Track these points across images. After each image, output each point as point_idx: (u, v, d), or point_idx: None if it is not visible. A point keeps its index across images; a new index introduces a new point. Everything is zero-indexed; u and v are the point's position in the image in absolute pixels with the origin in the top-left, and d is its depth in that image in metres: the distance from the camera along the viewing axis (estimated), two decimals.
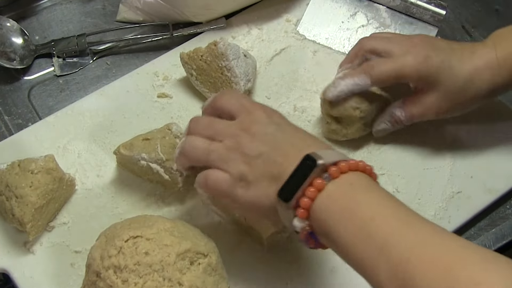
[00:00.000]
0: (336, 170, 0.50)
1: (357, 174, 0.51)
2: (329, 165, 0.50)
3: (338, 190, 0.50)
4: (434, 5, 0.83)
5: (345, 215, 0.49)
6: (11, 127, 0.78)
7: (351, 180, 0.50)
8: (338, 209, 0.49)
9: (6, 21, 0.83)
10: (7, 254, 0.67)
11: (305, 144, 0.54)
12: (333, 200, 0.50)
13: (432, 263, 0.43)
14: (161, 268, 0.57)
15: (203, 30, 0.84)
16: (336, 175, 0.50)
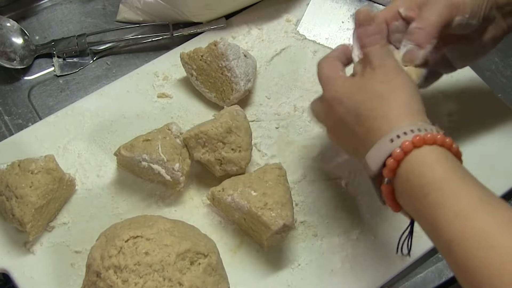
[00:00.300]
0: (408, 144, 0.51)
1: (432, 149, 0.51)
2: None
3: (413, 166, 0.51)
4: None
5: (417, 193, 0.50)
6: (11, 127, 0.78)
7: (425, 155, 0.51)
8: (410, 185, 0.50)
9: (6, 21, 0.83)
10: (7, 254, 0.67)
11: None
12: (407, 175, 0.51)
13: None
14: (161, 268, 0.57)
15: (203, 30, 0.84)
16: (409, 148, 0.51)
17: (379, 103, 0.54)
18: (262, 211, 0.63)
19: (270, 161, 0.74)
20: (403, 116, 0.53)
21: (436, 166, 0.50)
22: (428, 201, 0.49)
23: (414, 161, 0.51)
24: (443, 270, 0.69)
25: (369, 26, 0.59)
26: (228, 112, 0.70)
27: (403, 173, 0.51)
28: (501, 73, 0.85)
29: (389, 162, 0.51)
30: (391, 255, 0.67)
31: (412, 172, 0.50)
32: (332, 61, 0.61)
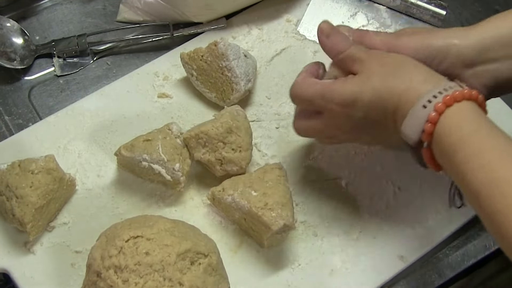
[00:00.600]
0: (441, 106, 0.52)
1: (461, 106, 0.53)
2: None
3: (445, 125, 0.52)
4: (434, 5, 0.84)
5: (448, 151, 0.52)
6: (12, 127, 0.78)
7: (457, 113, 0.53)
8: (446, 143, 0.52)
9: (7, 21, 0.83)
10: (7, 254, 0.67)
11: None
12: (440, 136, 0.53)
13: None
14: (162, 268, 0.57)
15: (204, 30, 0.84)
16: (442, 109, 0.52)
17: (395, 81, 0.56)
18: (262, 211, 0.63)
19: (270, 161, 0.74)
20: (424, 82, 0.55)
21: (464, 123, 0.52)
22: (457, 157, 0.51)
23: (445, 121, 0.52)
24: (443, 270, 0.69)
25: (336, 34, 0.62)
26: (228, 112, 0.70)
27: (437, 135, 0.53)
28: None
29: (427, 126, 0.53)
30: (391, 255, 0.67)
31: (443, 132, 0.52)
32: (310, 79, 0.62)
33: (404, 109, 0.55)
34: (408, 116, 0.54)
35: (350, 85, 0.58)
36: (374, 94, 0.57)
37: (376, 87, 0.57)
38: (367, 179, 0.72)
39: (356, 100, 0.58)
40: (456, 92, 0.53)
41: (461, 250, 0.70)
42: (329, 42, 0.62)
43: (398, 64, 0.57)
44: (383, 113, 0.57)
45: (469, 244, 0.70)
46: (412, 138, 0.55)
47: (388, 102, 0.56)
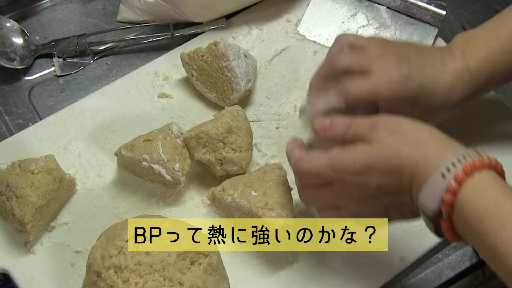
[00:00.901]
0: (461, 175, 0.50)
1: (482, 175, 0.50)
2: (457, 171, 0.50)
3: (468, 195, 0.50)
4: (434, 5, 0.84)
5: (473, 221, 0.49)
6: (12, 127, 0.78)
7: (477, 183, 0.50)
8: (470, 215, 0.49)
9: (7, 21, 0.83)
10: (7, 254, 0.67)
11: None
12: (462, 206, 0.50)
13: None
14: (162, 268, 0.57)
15: (204, 30, 0.84)
16: (462, 178, 0.50)
17: (409, 148, 0.53)
18: (262, 211, 0.63)
19: (270, 161, 0.74)
20: (441, 149, 0.52)
21: (489, 192, 0.49)
22: (484, 229, 0.48)
23: (468, 190, 0.50)
24: (443, 270, 0.69)
25: (331, 124, 0.60)
26: (228, 112, 0.70)
27: (459, 205, 0.50)
28: None
29: (447, 197, 0.50)
30: (391, 256, 0.67)
31: (467, 202, 0.49)
32: (314, 153, 0.60)
33: (421, 178, 0.52)
34: (425, 186, 0.51)
35: (361, 153, 0.55)
36: (388, 162, 0.54)
37: (390, 155, 0.54)
38: None
39: (369, 169, 0.54)
40: (475, 161, 0.50)
41: (461, 250, 0.70)
42: (330, 134, 0.60)
43: (411, 130, 0.55)
44: (399, 182, 0.54)
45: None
46: (430, 208, 0.51)
47: (403, 170, 0.53)
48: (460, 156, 0.51)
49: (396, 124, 0.55)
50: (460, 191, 0.50)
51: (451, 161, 0.50)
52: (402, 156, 0.53)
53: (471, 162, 0.50)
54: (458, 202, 0.50)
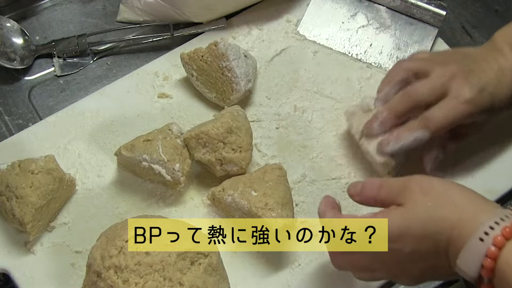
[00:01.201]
0: (500, 239, 0.48)
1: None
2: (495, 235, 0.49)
3: (508, 260, 0.48)
4: (434, 5, 0.84)
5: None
6: (12, 127, 0.78)
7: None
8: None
9: (7, 21, 0.83)
10: (7, 254, 0.67)
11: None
12: (504, 270, 0.48)
13: None
14: (162, 268, 0.57)
15: (204, 30, 0.84)
16: (502, 242, 0.48)
17: (444, 211, 0.52)
18: (262, 211, 0.63)
19: (270, 161, 0.74)
20: (478, 211, 0.51)
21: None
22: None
23: (508, 254, 0.48)
24: None
25: (363, 189, 0.59)
26: (228, 112, 0.70)
27: (499, 269, 0.48)
28: None
29: (487, 262, 0.48)
30: None
31: (508, 266, 0.48)
32: (349, 216, 0.59)
33: (458, 243, 0.50)
34: (463, 251, 0.49)
35: (395, 218, 0.54)
36: (423, 227, 0.52)
37: (425, 219, 0.52)
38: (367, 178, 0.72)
39: (403, 235, 0.53)
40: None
41: None
42: (364, 198, 0.59)
43: (444, 191, 0.53)
44: (434, 246, 0.52)
45: None
46: (470, 274, 0.50)
47: (439, 235, 0.51)
48: (497, 219, 0.49)
49: (429, 185, 0.54)
50: (500, 255, 0.48)
51: (489, 225, 0.49)
52: (437, 220, 0.52)
53: (510, 225, 0.48)
54: (498, 267, 0.48)
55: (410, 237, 0.53)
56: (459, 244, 0.50)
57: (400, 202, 0.54)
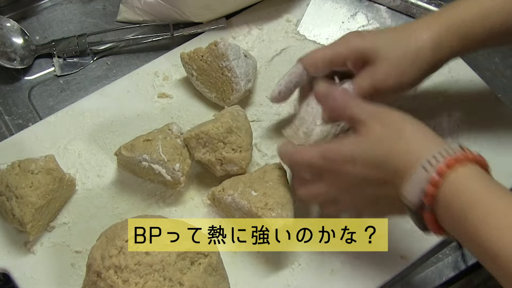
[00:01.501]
0: (443, 168, 0.51)
1: (465, 169, 0.52)
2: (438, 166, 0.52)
3: (450, 188, 0.51)
4: (435, 5, 0.84)
5: (458, 214, 0.50)
6: (12, 127, 0.78)
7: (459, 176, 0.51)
8: (450, 211, 0.51)
9: (7, 21, 0.83)
10: (7, 254, 0.67)
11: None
12: (446, 199, 0.51)
13: None
14: (162, 268, 0.57)
15: (204, 30, 0.84)
16: (445, 171, 0.51)
17: (395, 142, 0.55)
18: (262, 211, 0.63)
19: (270, 161, 0.74)
20: (425, 143, 0.54)
21: (473, 186, 0.51)
22: (469, 221, 0.49)
23: (451, 183, 0.51)
24: (443, 270, 0.69)
25: (334, 96, 0.61)
26: (228, 112, 0.70)
27: (442, 197, 0.51)
28: (501, 73, 0.85)
29: (429, 189, 0.51)
30: (391, 255, 0.67)
31: (450, 195, 0.51)
32: (306, 146, 0.63)
33: (404, 172, 0.53)
34: (409, 179, 0.53)
35: (349, 143, 0.58)
36: (373, 155, 0.56)
37: (375, 149, 0.56)
38: None
39: (356, 159, 0.57)
40: (458, 155, 0.52)
41: (462, 250, 0.70)
42: (331, 104, 0.62)
43: (399, 126, 0.56)
44: (383, 175, 0.56)
45: None
46: (413, 201, 0.53)
47: (387, 164, 0.55)
48: (442, 150, 0.52)
49: (387, 117, 0.57)
50: (442, 184, 0.51)
51: (433, 155, 0.52)
52: (386, 150, 0.55)
53: (454, 156, 0.51)
54: (441, 195, 0.51)
55: (361, 162, 0.56)
56: (405, 173, 0.53)
57: (356, 129, 0.58)
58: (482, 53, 0.85)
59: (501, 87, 0.82)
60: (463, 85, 0.79)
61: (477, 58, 0.84)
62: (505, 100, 0.79)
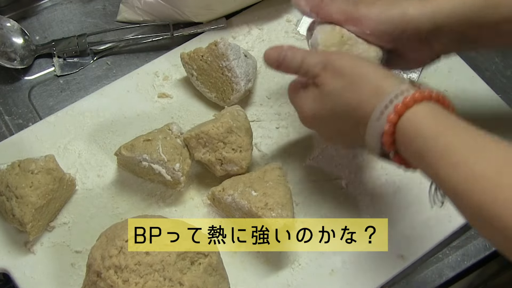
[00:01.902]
0: (393, 117, 0.52)
1: (423, 106, 0.52)
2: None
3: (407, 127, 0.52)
4: None
5: (418, 152, 0.51)
6: (12, 127, 0.78)
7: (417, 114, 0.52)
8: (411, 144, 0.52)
9: (7, 21, 0.83)
10: (7, 254, 0.67)
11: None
12: (404, 138, 0.52)
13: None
14: (162, 268, 0.57)
15: (204, 30, 0.84)
16: (395, 120, 0.52)
17: (349, 93, 0.56)
18: (262, 211, 0.63)
19: (270, 161, 0.74)
20: (382, 85, 0.54)
21: (429, 122, 0.51)
22: (428, 158, 0.50)
23: (408, 122, 0.52)
24: (443, 270, 0.69)
25: (291, 61, 0.61)
26: (229, 112, 0.70)
27: (401, 140, 0.52)
28: (501, 73, 0.85)
29: (384, 139, 0.53)
30: (391, 255, 0.67)
31: (408, 134, 0.52)
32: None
33: (363, 123, 0.55)
34: (367, 131, 0.54)
35: (310, 101, 0.60)
36: (332, 110, 0.58)
37: (334, 104, 0.58)
38: (367, 179, 0.72)
39: (316, 116, 0.59)
40: (415, 94, 0.52)
41: (461, 250, 0.70)
42: (284, 68, 0.62)
43: (353, 75, 0.57)
44: (348, 127, 0.57)
45: (469, 244, 0.70)
46: (377, 151, 0.55)
47: (348, 117, 0.56)
48: (398, 92, 0.53)
49: (340, 67, 0.58)
50: (396, 130, 0.52)
51: (389, 98, 0.52)
52: (342, 104, 0.57)
53: (411, 95, 0.52)
54: (400, 137, 0.52)
55: (322, 117, 0.59)
56: (364, 124, 0.55)
57: (316, 82, 0.59)
58: (482, 53, 0.85)
59: (501, 87, 0.82)
60: (463, 85, 0.79)
61: (477, 58, 0.84)
62: (505, 100, 0.79)
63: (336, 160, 0.74)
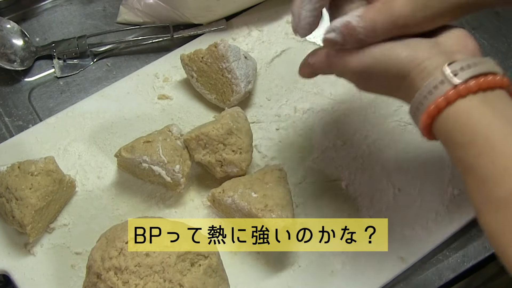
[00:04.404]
0: (464, 88, 0.48)
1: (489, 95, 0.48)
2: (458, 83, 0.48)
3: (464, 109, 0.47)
4: None
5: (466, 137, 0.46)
6: (12, 128, 0.78)
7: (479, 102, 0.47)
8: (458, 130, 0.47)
9: (7, 23, 0.83)
10: (7, 256, 0.67)
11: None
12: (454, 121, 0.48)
13: None
14: (162, 269, 0.57)
15: (204, 31, 0.84)
16: (464, 93, 0.48)
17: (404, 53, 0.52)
18: (262, 213, 0.63)
19: (270, 162, 0.74)
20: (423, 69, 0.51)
21: (480, 118, 0.46)
22: (472, 149, 0.46)
23: (456, 113, 0.47)
24: (443, 272, 0.69)
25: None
26: (229, 113, 0.70)
27: (442, 124, 0.48)
28: None
29: (431, 109, 0.48)
30: (391, 257, 0.67)
31: (453, 124, 0.47)
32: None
33: (411, 93, 0.51)
34: (411, 105, 0.51)
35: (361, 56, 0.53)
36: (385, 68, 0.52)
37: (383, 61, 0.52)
38: (367, 181, 0.72)
39: (368, 72, 0.54)
40: (481, 79, 0.48)
41: (461, 251, 0.70)
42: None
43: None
44: (393, 85, 0.53)
45: (469, 245, 0.70)
46: (410, 112, 0.51)
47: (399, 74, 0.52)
48: (464, 64, 0.50)
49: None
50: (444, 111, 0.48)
51: (437, 82, 0.49)
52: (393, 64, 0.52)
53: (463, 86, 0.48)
54: (440, 120, 0.48)
55: (373, 74, 0.53)
56: (411, 93, 0.51)
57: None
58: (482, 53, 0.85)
59: None
60: None
61: None
62: None
63: (336, 162, 0.74)
